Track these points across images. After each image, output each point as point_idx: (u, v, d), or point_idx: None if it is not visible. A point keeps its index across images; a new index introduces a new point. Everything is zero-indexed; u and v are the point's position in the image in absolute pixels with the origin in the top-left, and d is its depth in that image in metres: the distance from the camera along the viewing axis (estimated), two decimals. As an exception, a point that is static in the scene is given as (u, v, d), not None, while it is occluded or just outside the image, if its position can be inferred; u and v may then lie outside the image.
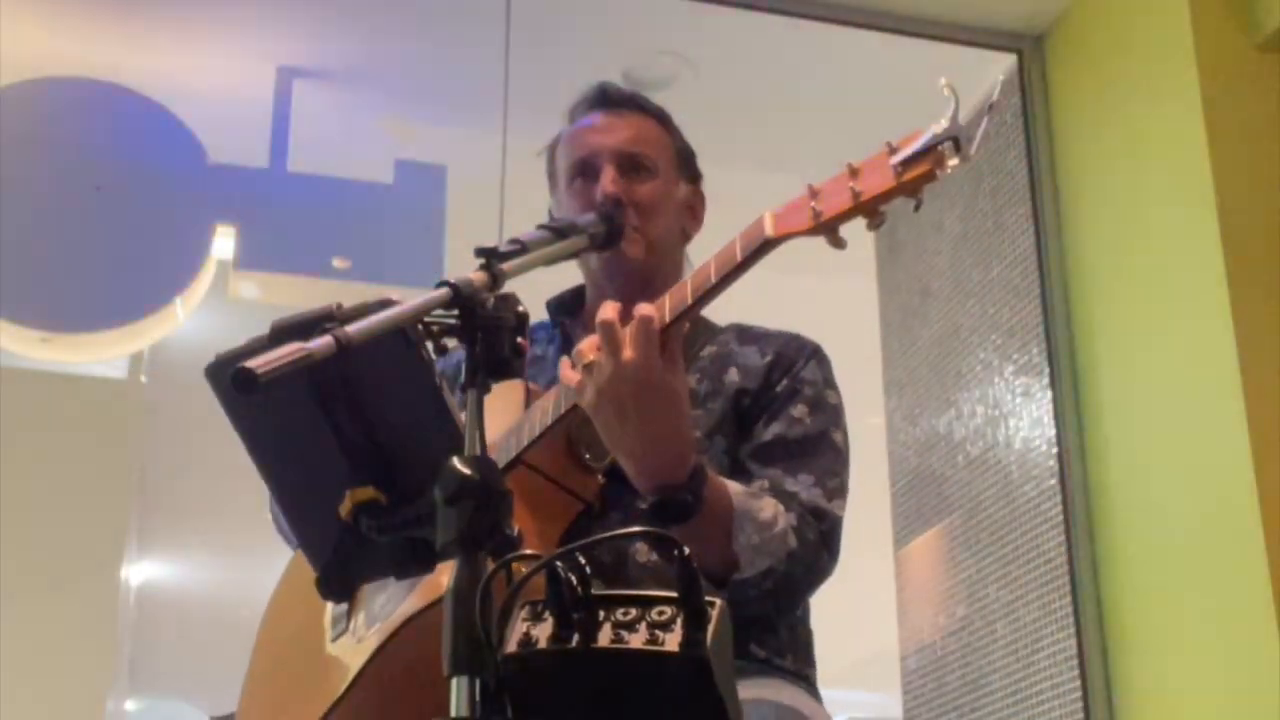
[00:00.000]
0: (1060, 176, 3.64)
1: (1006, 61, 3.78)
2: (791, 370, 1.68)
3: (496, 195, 3.68)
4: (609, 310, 1.41)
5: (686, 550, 1.00)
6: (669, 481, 1.43)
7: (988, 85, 3.76)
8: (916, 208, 1.27)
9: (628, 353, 1.39)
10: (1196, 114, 3.13)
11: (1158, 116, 3.29)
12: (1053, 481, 3.42)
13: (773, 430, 1.63)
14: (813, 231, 1.32)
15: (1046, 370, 3.50)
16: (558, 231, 1.52)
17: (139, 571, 6.02)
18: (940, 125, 1.23)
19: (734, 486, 1.51)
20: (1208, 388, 3.03)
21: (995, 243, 3.77)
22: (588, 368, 1.41)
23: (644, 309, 1.41)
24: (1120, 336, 3.37)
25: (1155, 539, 3.17)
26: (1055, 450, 3.43)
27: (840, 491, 1.62)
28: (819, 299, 4.09)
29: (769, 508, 1.51)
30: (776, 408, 1.65)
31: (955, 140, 1.22)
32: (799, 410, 1.65)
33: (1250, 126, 3.15)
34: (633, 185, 1.69)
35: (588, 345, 1.43)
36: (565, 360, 1.48)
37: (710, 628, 0.99)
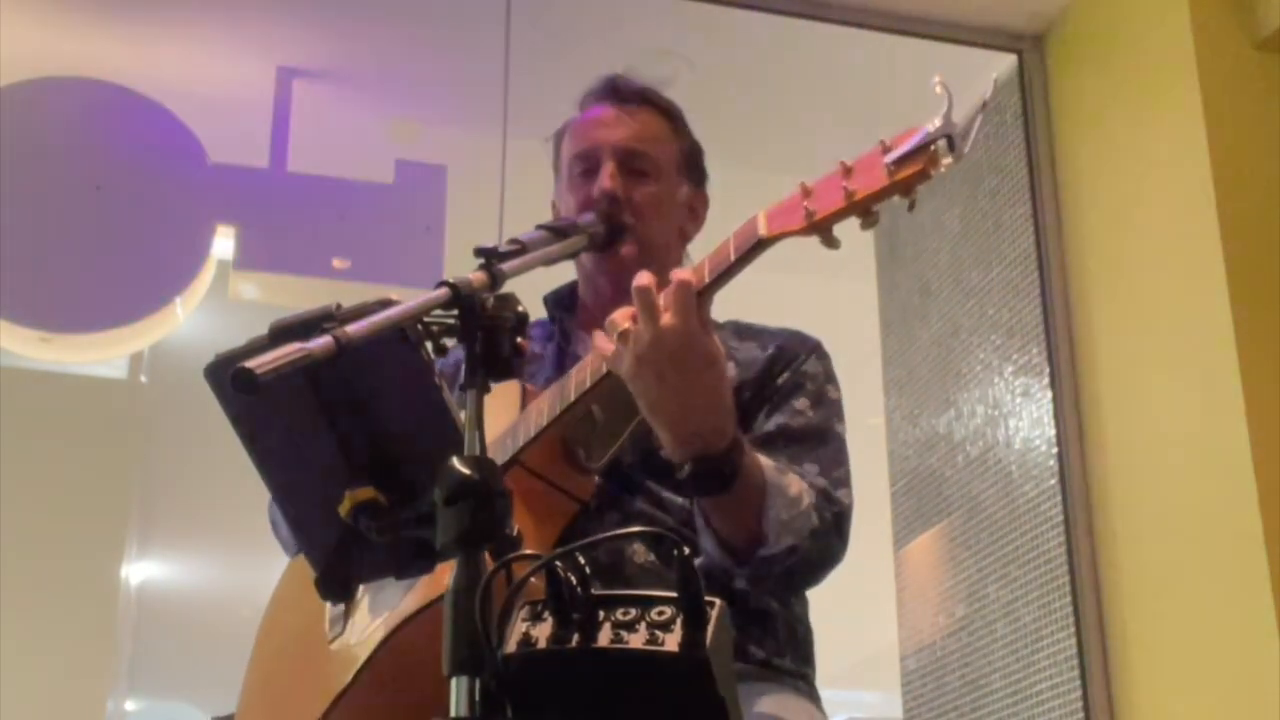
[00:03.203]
0: (1060, 176, 3.64)
1: (1006, 61, 3.78)
2: (793, 364, 1.67)
3: (496, 195, 3.68)
4: (644, 277, 1.39)
5: (686, 550, 1.00)
6: (709, 450, 1.41)
7: (1003, 85, 3.76)
8: (911, 207, 1.26)
9: (666, 318, 1.37)
10: (1197, 114, 3.13)
11: (1158, 116, 3.29)
12: (1053, 481, 3.42)
13: (775, 421, 1.62)
14: (806, 231, 1.31)
15: (1046, 370, 3.50)
16: (557, 232, 1.52)
17: (139, 571, 6.03)
18: (934, 123, 1.22)
19: (765, 460, 1.50)
20: (1208, 387, 3.03)
21: (995, 243, 3.77)
22: (623, 335, 1.39)
23: (681, 273, 1.39)
24: (1120, 336, 3.37)
25: (1155, 539, 3.17)
26: (1055, 450, 3.43)
27: (845, 481, 1.61)
28: (819, 299, 4.10)
29: (795, 484, 1.51)
30: (778, 400, 1.64)
31: (949, 139, 1.22)
32: (801, 403, 1.64)
33: (1250, 126, 3.15)
34: (632, 185, 1.68)
35: (621, 314, 1.41)
36: (599, 333, 1.46)
37: (710, 628, 0.99)
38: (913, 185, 1.24)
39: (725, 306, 1.50)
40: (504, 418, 1.56)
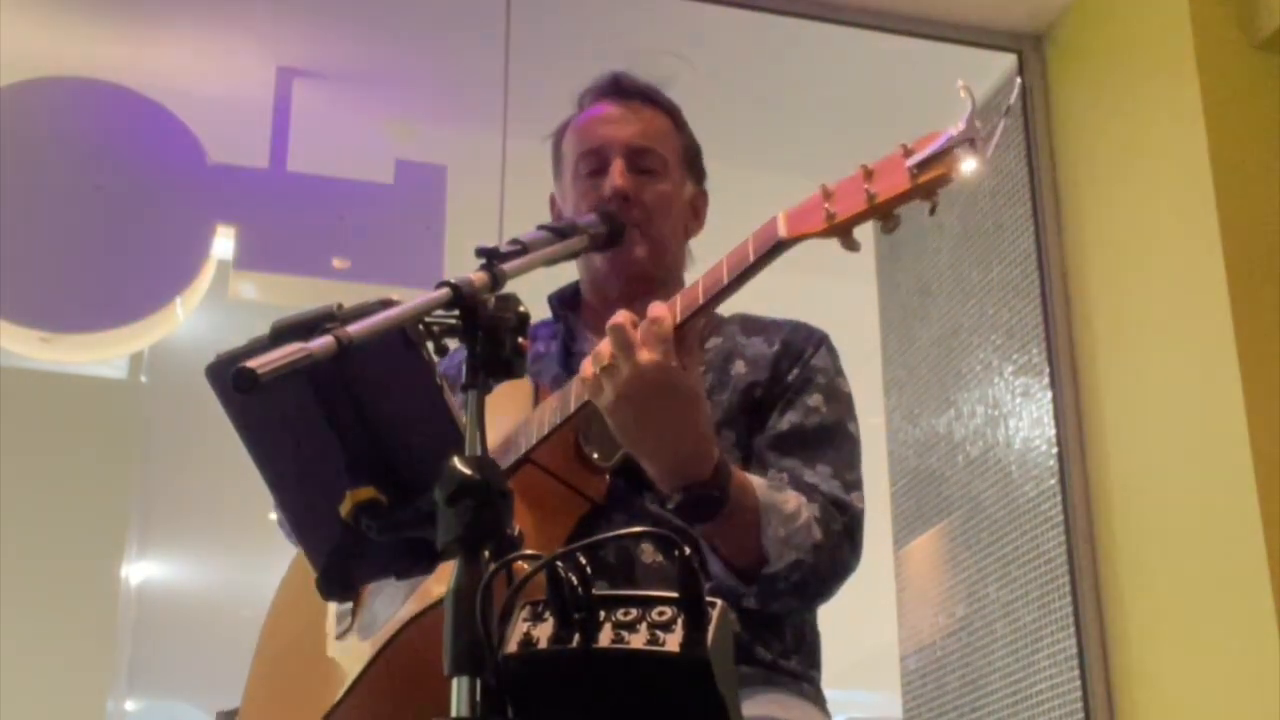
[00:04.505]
0: (1060, 176, 3.64)
1: (1006, 61, 3.78)
2: (802, 359, 1.67)
3: (496, 195, 3.68)
4: (620, 314, 1.40)
5: (687, 550, 1.00)
6: (694, 480, 1.42)
7: (1002, 85, 3.75)
8: (932, 210, 1.27)
9: (642, 354, 1.38)
10: (1196, 113, 3.13)
11: (1158, 116, 3.29)
12: (1053, 481, 3.42)
13: (789, 419, 1.62)
14: (826, 233, 1.31)
15: (1046, 370, 3.50)
16: (558, 232, 1.52)
17: (139, 571, 6.03)
18: (957, 128, 1.22)
19: (757, 480, 1.50)
20: (1208, 387, 3.03)
21: (995, 243, 3.77)
22: (605, 370, 1.40)
23: (656, 309, 1.40)
24: (1120, 336, 3.37)
25: (1155, 539, 3.17)
26: (1055, 450, 3.43)
27: (858, 484, 1.61)
28: (819, 298, 4.07)
29: (792, 500, 1.51)
30: (790, 397, 1.64)
31: (971, 143, 1.22)
32: (814, 400, 1.64)
33: (1250, 126, 3.15)
34: (642, 184, 1.68)
35: (605, 348, 1.41)
36: (588, 360, 1.46)
37: (711, 628, 0.99)
38: (935, 189, 1.25)
39: (729, 302, 1.50)
40: (516, 415, 1.56)
